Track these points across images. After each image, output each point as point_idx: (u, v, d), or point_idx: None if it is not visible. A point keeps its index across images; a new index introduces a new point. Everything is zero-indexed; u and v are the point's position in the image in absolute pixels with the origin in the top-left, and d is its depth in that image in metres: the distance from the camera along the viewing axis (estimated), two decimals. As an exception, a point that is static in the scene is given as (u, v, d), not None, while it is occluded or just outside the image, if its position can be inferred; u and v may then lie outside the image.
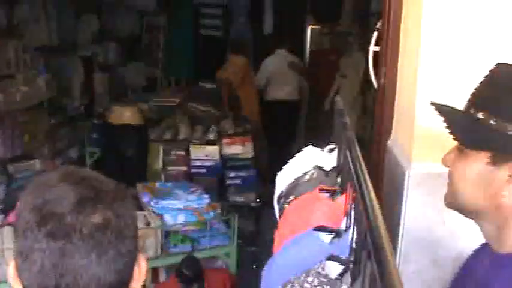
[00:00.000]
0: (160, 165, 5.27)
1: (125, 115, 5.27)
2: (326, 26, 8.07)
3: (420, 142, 2.04)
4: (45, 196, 0.91)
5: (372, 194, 1.02)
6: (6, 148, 4.37)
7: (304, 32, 8.50)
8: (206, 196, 3.84)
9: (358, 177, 1.19)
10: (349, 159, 1.40)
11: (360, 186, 1.15)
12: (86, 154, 5.91)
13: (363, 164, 1.29)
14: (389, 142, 2.42)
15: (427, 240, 2.07)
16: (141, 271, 0.98)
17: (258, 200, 5.33)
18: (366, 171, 1.23)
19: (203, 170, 5.26)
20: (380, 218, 0.94)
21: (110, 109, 5.45)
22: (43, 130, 5.48)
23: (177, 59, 8.34)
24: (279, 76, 7.13)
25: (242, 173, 5.36)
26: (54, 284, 0.89)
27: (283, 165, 2.03)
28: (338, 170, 1.81)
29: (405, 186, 2.04)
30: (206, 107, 6.25)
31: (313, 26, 8.44)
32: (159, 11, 8.34)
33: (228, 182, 5.35)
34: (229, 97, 6.60)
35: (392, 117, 2.36)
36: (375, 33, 2.52)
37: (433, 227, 2.03)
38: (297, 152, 2.05)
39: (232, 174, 5.34)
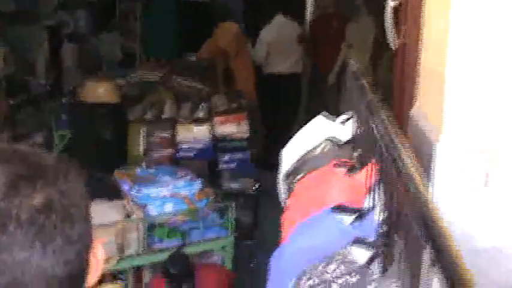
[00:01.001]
0: (141, 149, 5.22)
1: (100, 92, 5.19)
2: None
3: (451, 110, 1.97)
4: None
5: (410, 158, 0.94)
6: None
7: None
8: (198, 181, 3.78)
9: (387, 143, 1.12)
10: (373, 125, 1.32)
11: (390, 151, 1.08)
12: (54, 138, 5.81)
13: (393, 126, 1.21)
14: (411, 113, 2.35)
15: (459, 226, 2.00)
16: (98, 261, 0.91)
17: (255, 186, 5.26)
18: (398, 134, 1.16)
19: (192, 153, 5.21)
20: (423, 187, 0.87)
21: (82, 85, 5.36)
22: (1, 113, 5.38)
23: (157, 32, 8.19)
24: (280, 47, 7.03)
25: (237, 156, 5.30)
26: None
27: (283, 148, 1.97)
28: (355, 141, 1.74)
29: (433, 163, 1.97)
30: (193, 81, 6.17)
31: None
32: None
33: (221, 166, 5.29)
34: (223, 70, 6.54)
35: (415, 83, 2.29)
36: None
37: (465, 207, 1.97)
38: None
39: (225, 158, 5.28)
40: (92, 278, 0.90)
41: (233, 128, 5.40)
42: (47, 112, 6.15)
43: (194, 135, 5.27)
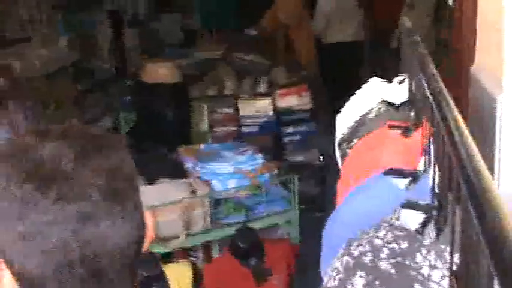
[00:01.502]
0: (206, 126, 5.23)
1: (160, 72, 5.22)
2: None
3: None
4: (34, 158, 0.83)
5: (460, 120, 0.88)
6: (28, 122, 4.38)
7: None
8: (259, 155, 3.76)
9: (438, 101, 1.05)
10: (424, 81, 1.25)
11: (442, 110, 1.01)
12: (120, 121, 5.92)
13: (441, 83, 1.14)
14: (472, 70, 2.25)
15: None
16: (149, 227, 0.93)
17: (321, 158, 5.20)
18: (447, 92, 1.09)
19: (255, 128, 5.19)
20: (474, 148, 0.81)
21: (143, 67, 5.41)
22: (70, 98, 5.50)
23: (216, 5, 8.20)
24: (339, 15, 6.89)
25: (301, 128, 5.26)
26: (78, 257, 0.82)
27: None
28: (410, 102, 1.67)
29: (498, 117, 1.88)
30: (253, 56, 6.13)
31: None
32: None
33: (285, 139, 5.26)
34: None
35: (475, 39, 2.18)
36: None
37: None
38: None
39: (289, 131, 5.25)
40: (147, 242, 0.92)
41: (295, 100, 5.34)
42: (113, 96, 6.27)
43: (256, 109, 5.24)
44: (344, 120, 1.86)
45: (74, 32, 5.83)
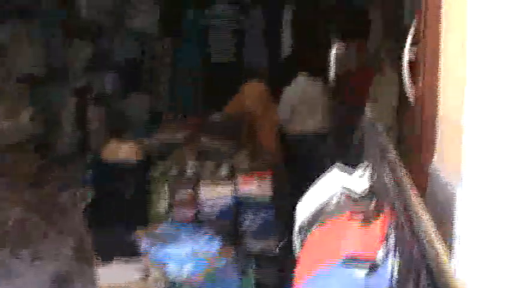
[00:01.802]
0: (165, 205, 5.17)
1: (122, 150, 5.21)
2: (353, 44, 7.98)
3: (470, 160, 1.91)
4: None
5: (423, 213, 0.89)
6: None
7: (328, 52, 8.44)
8: (217, 240, 3.71)
9: (399, 189, 1.07)
10: (385, 169, 1.28)
11: (403, 198, 1.03)
12: (79, 197, 5.82)
13: (402, 171, 1.16)
14: (431, 166, 2.29)
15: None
16: None
17: (279, 247, 5.16)
18: (412, 189, 1.11)
19: (215, 212, 5.14)
20: (434, 237, 0.81)
21: (105, 145, 5.39)
22: (28, 172, 5.42)
23: (183, 90, 8.32)
24: (305, 105, 7.02)
25: (261, 215, 5.21)
26: None
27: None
28: (371, 191, 1.69)
29: (456, 207, 1.91)
30: (217, 140, 6.18)
31: (339, 45, 8.39)
32: (163, 34, 8.36)
33: (245, 225, 5.21)
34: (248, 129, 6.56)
35: (434, 135, 2.24)
36: (409, 37, 2.43)
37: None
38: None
39: (249, 217, 5.20)
40: None
41: (256, 186, 5.34)
42: (73, 172, 6.19)
43: (217, 193, 5.22)
44: (304, 208, 1.86)
45: (38, 106, 5.82)
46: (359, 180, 1.86)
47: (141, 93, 8.09)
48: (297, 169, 6.87)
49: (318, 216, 1.69)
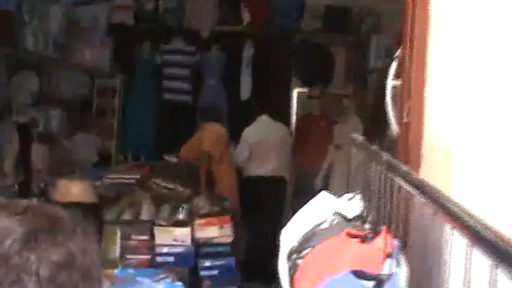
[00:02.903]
0: (117, 252, 5.12)
1: (74, 191, 5.16)
2: (315, 88, 8.18)
3: (458, 189, 2.00)
4: None
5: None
6: None
7: (289, 95, 8.62)
8: (179, 284, 3.70)
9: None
10: (395, 177, 1.34)
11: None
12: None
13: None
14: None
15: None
16: None
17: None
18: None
19: (171, 259, 5.12)
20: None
21: (54, 184, 5.33)
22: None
23: (135, 130, 8.32)
24: (264, 148, 7.12)
25: (220, 262, 5.22)
26: None
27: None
28: (361, 216, 1.76)
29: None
30: (173, 184, 6.20)
31: (300, 89, 8.57)
32: (114, 70, 8.39)
33: (202, 273, 5.20)
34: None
35: (419, 164, 2.32)
36: (394, 64, 2.55)
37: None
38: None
39: (207, 264, 5.20)
40: None
41: (216, 231, 5.34)
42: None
43: (174, 238, 5.19)
44: (291, 234, 1.90)
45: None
46: (349, 205, 1.92)
47: (90, 131, 8.05)
48: (255, 216, 6.92)
49: (311, 239, 1.74)
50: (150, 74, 8.69)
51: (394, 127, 2.59)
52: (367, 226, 1.68)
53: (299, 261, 1.71)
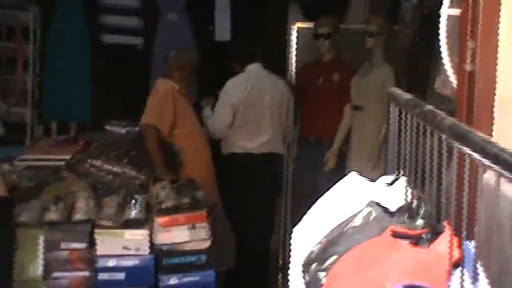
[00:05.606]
0: (39, 269, 5.16)
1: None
2: (323, 22, 8.13)
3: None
4: None
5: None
6: None
7: (286, 34, 8.63)
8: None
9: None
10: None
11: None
12: None
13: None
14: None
15: None
16: None
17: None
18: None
19: (120, 276, 5.18)
20: None
21: None
22: None
23: (60, 88, 8.31)
24: (254, 111, 7.10)
25: (192, 278, 5.26)
26: None
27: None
28: (417, 206, 1.78)
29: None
30: (120, 166, 6.18)
31: (302, 25, 8.56)
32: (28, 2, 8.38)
33: (167, 293, 5.26)
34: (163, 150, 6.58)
35: (491, 118, 2.35)
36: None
37: None
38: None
39: (173, 281, 5.24)
40: None
41: (185, 234, 5.37)
42: None
43: (124, 246, 5.23)
44: (308, 235, 1.92)
45: None
46: (388, 190, 1.94)
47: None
48: (242, 206, 6.97)
49: (338, 242, 1.75)
50: (79, 5, 8.64)
51: (450, 78, 2.61)
52: (420, 222, 1.69)
53: (322, 274, 1.73)
